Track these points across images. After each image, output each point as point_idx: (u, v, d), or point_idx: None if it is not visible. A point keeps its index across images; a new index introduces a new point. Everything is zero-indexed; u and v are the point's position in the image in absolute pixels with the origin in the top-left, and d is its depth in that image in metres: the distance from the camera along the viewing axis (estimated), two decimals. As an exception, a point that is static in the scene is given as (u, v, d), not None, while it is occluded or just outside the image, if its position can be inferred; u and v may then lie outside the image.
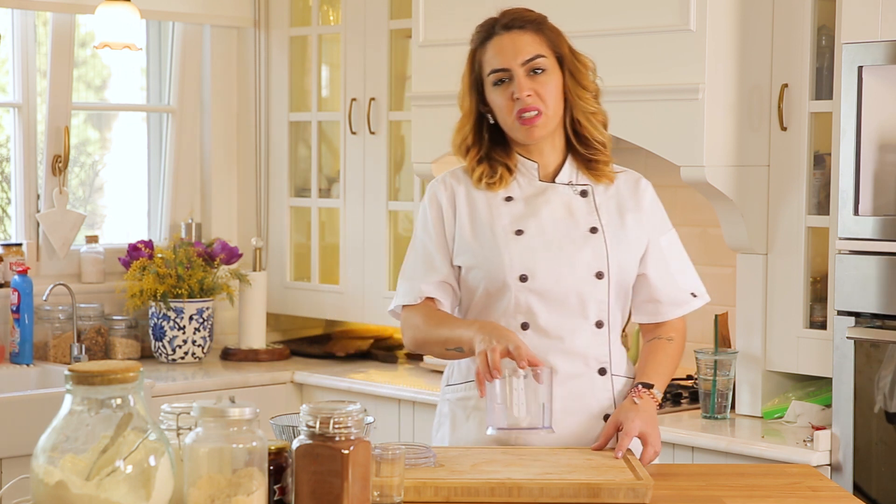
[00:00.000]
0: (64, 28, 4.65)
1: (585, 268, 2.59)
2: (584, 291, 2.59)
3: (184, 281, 4.63)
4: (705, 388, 3.69)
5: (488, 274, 2.60)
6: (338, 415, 2.01)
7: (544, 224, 2.61)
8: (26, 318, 4.46)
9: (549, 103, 2.60)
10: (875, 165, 3.32)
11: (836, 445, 3.36)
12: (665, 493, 2.29)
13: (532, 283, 2.58)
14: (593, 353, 2.61)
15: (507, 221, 2.62)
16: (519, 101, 2.58)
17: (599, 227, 2.62)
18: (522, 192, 2.65)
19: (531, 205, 2.64)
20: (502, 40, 2.61)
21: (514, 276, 2.58)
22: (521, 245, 2.59)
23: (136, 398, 1.94)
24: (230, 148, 5.13)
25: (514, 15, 2.64)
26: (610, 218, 2.64)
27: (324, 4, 4.92)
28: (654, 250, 2.69)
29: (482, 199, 2.66)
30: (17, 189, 4.69)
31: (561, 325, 2.59)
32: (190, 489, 1.95)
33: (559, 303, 2.59)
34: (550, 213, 2.63)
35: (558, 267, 2.59)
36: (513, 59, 2.59)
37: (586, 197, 2.65)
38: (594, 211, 2.64)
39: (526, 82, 2.59)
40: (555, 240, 2.60)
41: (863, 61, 3.28)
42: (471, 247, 2.63)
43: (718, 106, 3.54)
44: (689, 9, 3.51)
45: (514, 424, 2.34)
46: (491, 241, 2.61)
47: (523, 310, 2.59)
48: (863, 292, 3.31)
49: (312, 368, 4.63)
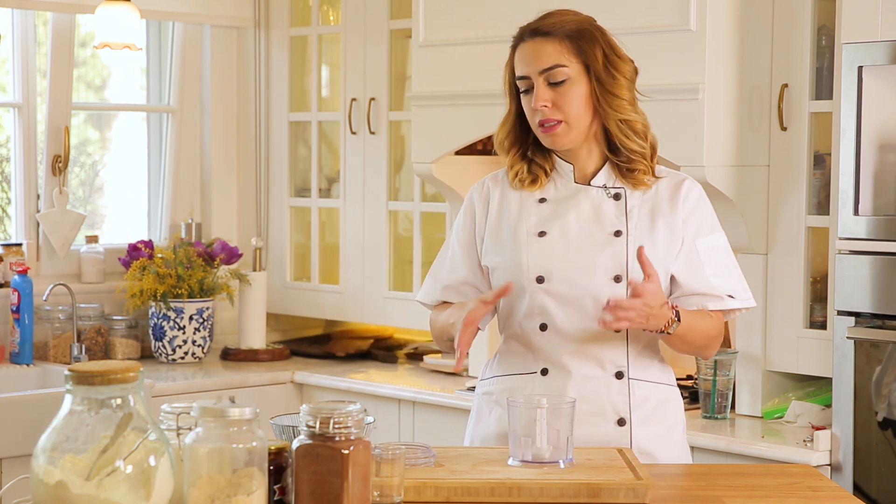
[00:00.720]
0: (64, 28, 4.65)
1: (603, 271, 2.57)
2: (601, 295, 2.55)
3: (184, 281, 4.63)
4: (705, 388, 3.69)
5: (507, 274, 2.61)
6: (338, 415, 2.01)
7: (569, 226, 2.60)
8: (26, 318, 4.46)
9: (570, 113, 2.57)
10: (875, 165, 3.32)
11: (836, 445, 3.36)
12: (665, 493, 2.29)
13: (548, 285, 2.58)
14: (609, 356, 2.59)
15: (534, 223, 2.62)
16: (537, 111, 2.57)
17: (624, 231, 2.59)
18: (556, 194, 2.64)
19: (561, 206, 2.63)
20: (526, 47, 2.59)
21: (530, 278, 2.58)
22: (540, 247, 2.59)
23: (136, 398, 1.94)
24: (230, 148, 5.13)
25: (547, 19, 2.60)
26: (640, 222, 2.60)
27: (324, 4, 4.92)
28: (688, 252, 2.62)
29: (515, 201, 2.66)
30: (17, 189, 4.69)
31: (577, 327, 2.58)
32: (190, 489, 1.95)
33: (575, 305, 2.57)
34: (578, 215, 2.61)
35: (574, 269, 2.57)
36: (532, 68, 2.57)
37: (619, 200, 2.62)
38: (623, 214, 2.61)
39: (544, 92, 2.56)
40: (576, 242, 2.59)
41: (863, 61, 3.28)
42: (495, 247, 2.65)
43: (718, 106, 3.54)
44: (689, 9, 3.51)
45: (537, 457, 2.33)
46: (513, 243, 2.62)
47: (541, 311, 2.59)
48: (863, 292, 3.31)
49: (312, 368, 4.63)
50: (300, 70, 5.02)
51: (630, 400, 2.60)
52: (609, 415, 2.59)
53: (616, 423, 2.59)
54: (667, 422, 2.64)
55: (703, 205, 2.67)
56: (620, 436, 2.58)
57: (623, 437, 2.59)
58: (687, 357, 4.15)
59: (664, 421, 2.63)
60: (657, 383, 2.64)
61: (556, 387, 2.58)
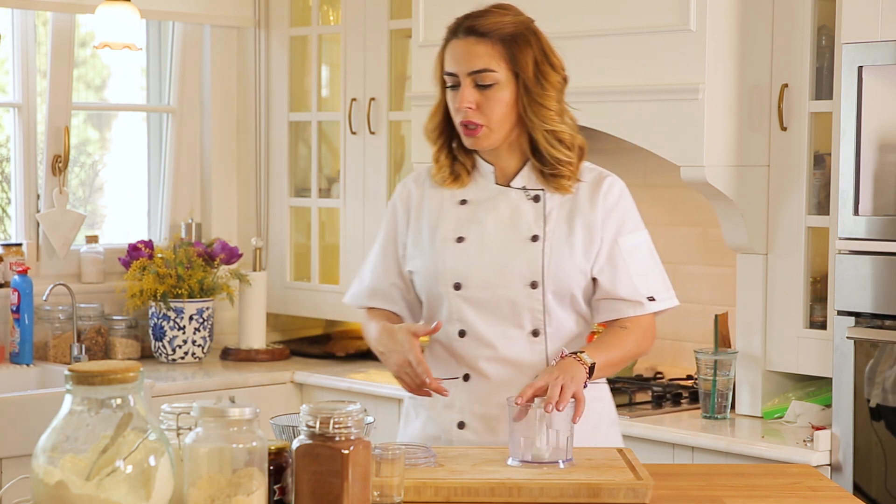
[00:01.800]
0: (64, 28, 4.65)
1: (519, 277, 2.57)
2: (517, 300, 2.56)
3: (184, 281, 4.63)
4: (705, 388, 3.69)
5: (426, 280, 2.62)
6: (338, 415, 2.01)
7: (486, 231, 2.60)
8: (26, 318, 4.46)
9: (493, 118, 2.54)
10: (875, 165, 3.32)
11: (836, 445, 3.36)
12: (665, 493, 2.29)
13: (465, 292, 2.58)
14: (528, 361, 2.58)
15: (451, 227, 2.61)
16: (461, 111, 2.55)
17: (541, 235, 2.58)
18: (476, 195, 2.63)
19: (480, 209, 2.62)
20: (458, 45, 2.56)
21: (448, 284, 2.59)
22: (457, 253, 2.59)
23: (136, 398, 1.94)
24: (230, 148, 5.13)
25: (484, 18, 2.56)
26: (557, 225, 2.58)
27: (324, 4, 4.92)
28: (609, 251, 2.59)
29: (436, 203, 2.65)
30: (17, 189, 4.69)
31: (494, 333, 2.58)
32: (190, 489, 1.95)
33: (492, 311, 2.58)
34: (496, 218, 2.60)
35: (490, 276, 2.57)
36: (462, 68, 2.54)
37: (538, 202, 2.60)
38: (541, 218, 2.59)
39: (470, 93, 2.54)
40: (492, 248, 2.58)
41: (863, 61, 3.28)
42: (416, 252, 2.64)
43: (718, 106, 3.54)
44: (689, 9, 3.51)
45: (537, 458, 2.33)
46: (431, 248, 2.61)
47: (459, 317, 2.59)
48: (863, 292, 3.31)
49: (312, 368, 4.63)
50: (300, 70, 5.02)
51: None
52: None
53: None
54: (593, 419, 2.60)
55: (625, 202, 2.63)
56: None
57: None
58: (687, 357, 4.15)
59: (590, 419, 2.55)
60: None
61: (479, 392, 2.60)
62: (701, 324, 4.14)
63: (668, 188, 4.22)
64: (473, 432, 2.59)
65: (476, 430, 2.59)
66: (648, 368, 4.23)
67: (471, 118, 2.54)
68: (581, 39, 3.75)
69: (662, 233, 4.28)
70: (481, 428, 2.59)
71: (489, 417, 2.58)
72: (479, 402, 2.59)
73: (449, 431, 2.60)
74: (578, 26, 3.76)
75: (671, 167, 3.65)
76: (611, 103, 3.71)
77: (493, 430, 2.58)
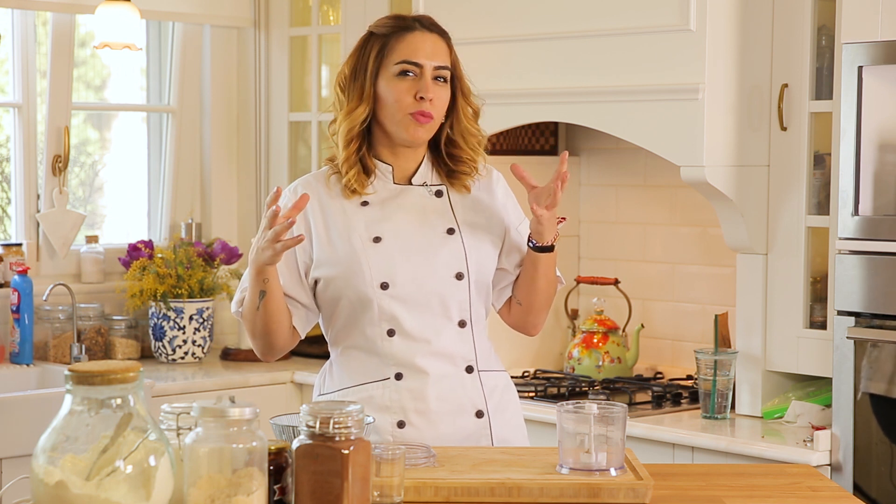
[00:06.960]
0: (64, 28, 4.65)
1: (445, 269, 2.62)
2: (446, 293, 2.61)
3: (184, 281, 4.63)
4: (705, 388, 3.69)
5: (349, 284, 2.61)
6: (338, 415, 2.01)
7: (400, 229, 2.63)
8: (26, 318, 4.46)
9: (439, 113, 2.64)
10: (875, 165, 3.32)
11: (836, 445, 3.36)
12: (665, 493, 2.29)
13: (393, 290, 2.60)
14: (459, 352, 2.64)
15: (364, 228, 2.62)
16: (423, 101, 2.60)
17: (456, 228, 2.65)
18: (378, 196, 2.65)
19: (386, 209, 2.64)
20: (424, 37, 2.64)
21: (374, 285, 2.60)
22: (379, 252, 2.60)
23: (136, 398, 1.94)
24: (230, 148, 5.13)
25: (433, 21, 2.69)
26: (465, 216, 2.67)
27: (324, 4, 4.92)
28: (513, 239, 2.71)
29: (337, 206, 2.64)
30: (17, 189, 4.69)
31: (426, 327, 2.61)
32: (190, 489, 1.95)
33: (422, 306, 2.61)
34: (406, 216, 2.64)
35: (418, 271, 2.61)
36: (428, 60, 2.62)
37: (441, 197, 2.68)
38: (449, 211, 2.67)
39: (433, 86, 2.62)
40: (413, 244, 2.62)
41: (863, 61, 3.28)
42: (330, 259, 2.62)
43: (718, 106, 3.54)
44: (689, 9, 3.51)
45: (586, 465, 2.30)
46: (349, 252, 2.61)
47: (388, 317, 2.60)
48: (863, 292, 3.31)
49: (312, 368, 4.62)
50: (300, 70, 5.02)
51: (483, 391, 2.65)
52: (468, 409, 2.64)
53: (475, 415, 2.64)
54: (511, 408, 2.72)
55: (510, 191, 2.78)
56: (480, 428, 2.64)
57: (483, 428, 2.64)
58: (687, 357, 4.15)
59: (509, 407, 2.71)
60: (497, 371, 2.71)
61: (416, 389, 2.61)
62: (701, 324, 4.14)
63: (668, 188, 4.22)
64: (415, 429, 2.61)
65: (417, 427, 2.61)
66: (648, 368, 4.23)
67: (429, 109, 2.61)
68: (581, 39, 3.75)
69: (662, 233, 4.29)
70: (422, 424, 2.61)
71: (429, 412, 2.61)
72: (417, 398, 2.61)
73: (389, 433, 2.61)
74: (578, 26, 3.76)
75: (671, 167, 3.65)
76: (611, 103, 3.72)
77: (433, 425, 2.60)
